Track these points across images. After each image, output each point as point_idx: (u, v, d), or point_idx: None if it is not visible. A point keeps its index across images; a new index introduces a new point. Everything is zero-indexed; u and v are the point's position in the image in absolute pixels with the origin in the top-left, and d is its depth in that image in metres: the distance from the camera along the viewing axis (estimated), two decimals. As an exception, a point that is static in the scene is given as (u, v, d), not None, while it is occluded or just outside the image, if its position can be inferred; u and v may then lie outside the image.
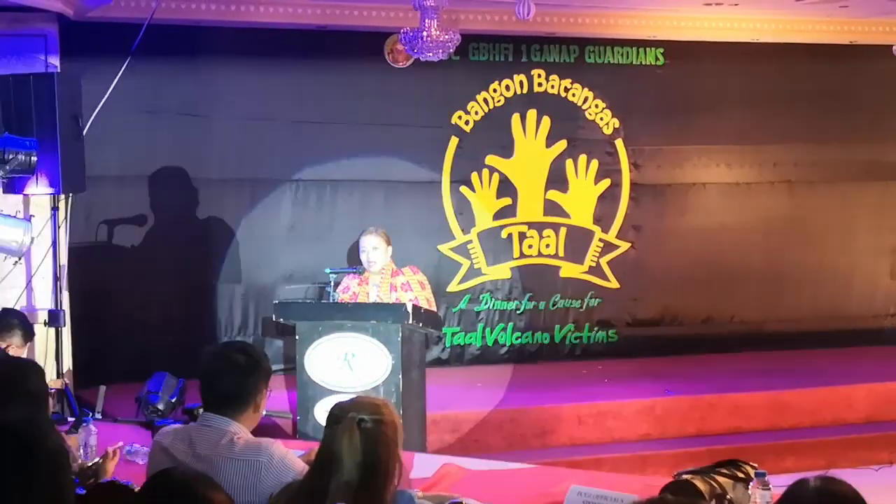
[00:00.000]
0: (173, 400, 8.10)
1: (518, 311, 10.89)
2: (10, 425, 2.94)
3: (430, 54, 8.44)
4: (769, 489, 3.92)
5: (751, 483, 4.09)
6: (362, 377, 7.20)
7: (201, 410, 4.23)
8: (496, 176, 10.75)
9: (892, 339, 11.72)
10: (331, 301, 7.79)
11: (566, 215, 10.97)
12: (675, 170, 11.33)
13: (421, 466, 5.19)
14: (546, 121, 10.85)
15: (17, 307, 8.06)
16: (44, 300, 8.66)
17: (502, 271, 10.85)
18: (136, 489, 3.81)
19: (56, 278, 8.51)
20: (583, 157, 10.98)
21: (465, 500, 3.71)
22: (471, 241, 10.73)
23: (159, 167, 9.80)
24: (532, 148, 10.85)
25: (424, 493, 4.25)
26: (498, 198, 10.77)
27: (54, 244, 8.55)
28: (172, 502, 2.76)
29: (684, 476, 4.22)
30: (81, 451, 5.21)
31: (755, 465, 4.29)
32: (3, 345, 6.76)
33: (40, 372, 4.54)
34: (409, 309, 7.14)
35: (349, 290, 7.98)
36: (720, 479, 4.20)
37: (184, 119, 9.84)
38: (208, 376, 4.19)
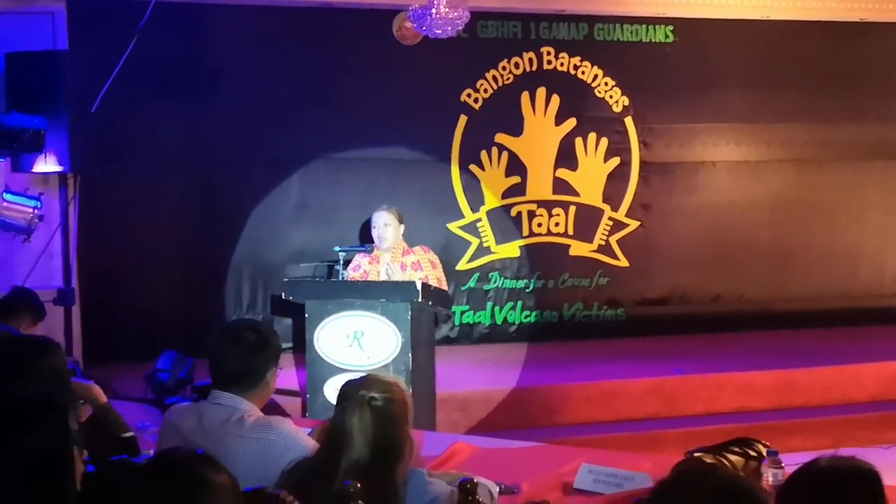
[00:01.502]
0: (182, 378, 8.15)
1: (527, 290, 10.88)
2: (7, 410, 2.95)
3: (439, 32, 8.41)
4: (781, 468, 3.91)
5: (762, 461, 4.08)
6: (371, 355, 7.21)
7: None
8: (505, 154, 10.73)
9: (902, 318, 11.70)
10: (340, 279, 7.79)
11: (575, 194, 10.95)
12: (685, 148, 11.29)
13: (431, 445, 5.19)
14: (555, 99, 10.82)
15: (26, 285, 8.05)
16: (53, 278, 8.67)
17: (511, 250, 10.84)
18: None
19: (65, 256, 8.52)
20: (592, 136, 10.95)
21: (476, 479, 3.70)
22: (480, 220, 10.71)
23: (167, 146, 9.77)
24: (541, 126, 10.83)
25: (435, 471, 4.25)
26: (507, 176, 10.75)
27: (63, 222, 8.56)
28: (174, 485, 2.74)
29: (696, 454, 4.21)
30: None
31: (767, 443, 4.29)
32: (14, 324, 6.76)
33: (53, 351, 4.52)
34: (419, 287, 7.14)
35: (360, 268, 7.97)
36: (732, 457, 4.20)
37: (192, 97, 9.81)
38: (218, 354, 4.18)
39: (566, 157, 10.90)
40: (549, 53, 10.83)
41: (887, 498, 2.94)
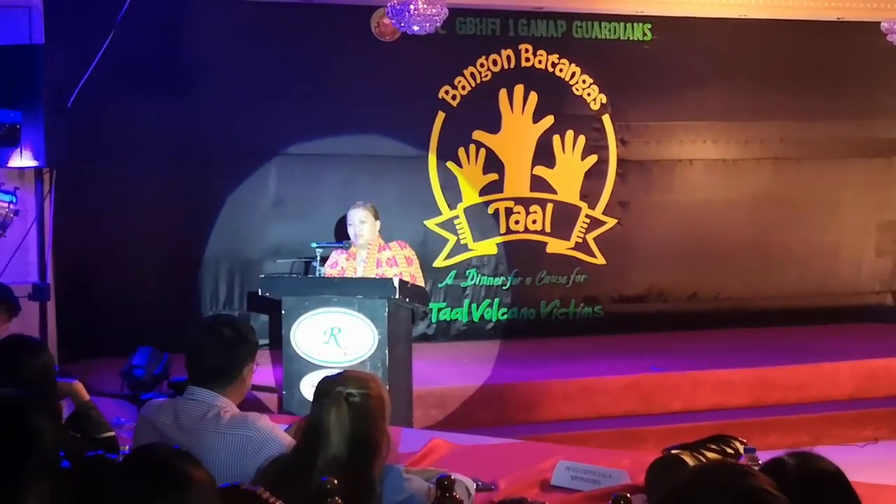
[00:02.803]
0: (158, 374, 8.10)
1: (504, 287, 10.88)
2: None
3: (418, 28, 8.43)
4: (758, 465, 3.91)
5: (740, 458, 4.09)
6: (349, 352, 7.20)
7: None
8: (483, 151, 10.72)
9: (878, 315, 11.74)
10: (317, 276, 7.77)
11: (553, 191, 10.95)
12: (662, 146, 11.32)
13: (408, 441, 5.19)
14: (533, 96, 10.82)
15: (1, 281, 8.00)
16: (28, 274, 8.62)
17: (489, 247, 10.84)
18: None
19: (40, 252, 8.47)
20: (570, 133, 10.96)
21: (454, 475, 3.69)
22: (457, 217, 10.70)
23: (144, 140, 9.71)
24: (519, 123, 10.83)
25: (412, 467, 4.24)
26: (484, 173, 10.75)
27: (38, 217, 8.50)
28: (153, 479, 2.73)
29: (673, 451, 4.21)
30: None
31: (744, 440, 4.29)
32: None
33: (41, 350, 4.53)
34: (396, 284, 7.13)
35: (337, 265, 7.95)
36: (709, 454, 4.20)
37: (169, 92, 9.77)
38: (194, 350, 4.16)
39: (544, 154, 10.91)
40: (527, 51, 10.83)
41: (858, 494, 2.95)
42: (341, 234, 8.81)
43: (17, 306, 7.04)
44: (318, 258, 7.81)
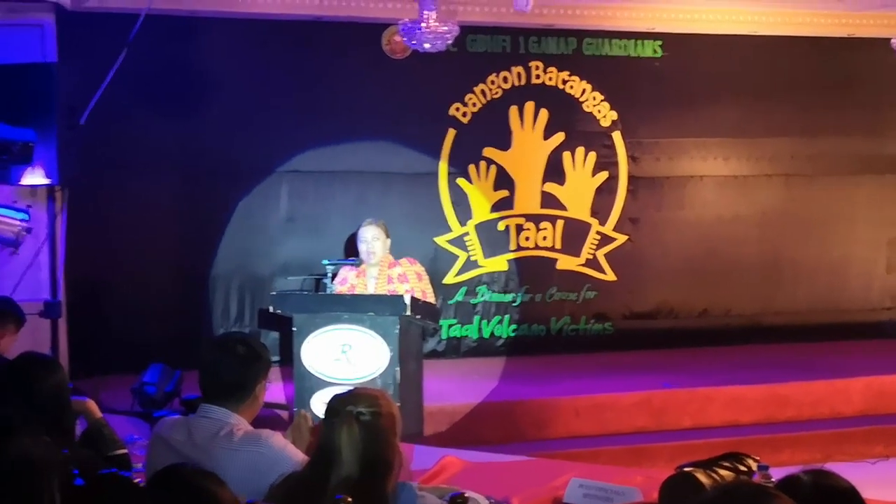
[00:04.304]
0: (169, 391, 8.11)
1: (514, 304, 10.87)
2: None
3: (429, 45, 8.44)
4: (772, 482, 3.90)
5: (753, 476, 4.07)
6: (360, 369, 7.19)
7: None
8: (493, 168, 10.73)
9: (889, 332, 11.71)
10: (328, 293, 7.77)
11: (563, 208, 10.96)
12: (673, 162, 11.32)
13: (420, 458, 5.19)
14: (544, 113, 10.83)
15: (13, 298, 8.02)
16: (40, 291, 8.63)
17: (499, 263, 10.84)
18: (135, 481, 3.80)
19: (52, 269, 8.49)
20: (580, 150, 10.97)
21: (467, 493, 3.69)
22: (468, 234, 10.71)
23: (156, 157, 9.76)
24: (529, 140, 10.84)
25: (425, 485, 4.24)
26: (495, 190, 10.76)
27: (50, 235, 8.53)
28: (180, 499, 2.75)
29: (686, 469, 4.19)
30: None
31: (757, 458, 4.28)
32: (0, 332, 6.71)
33: (55, 368, 4.54)
34: (408, 301, 7.13)
35: (346, 281, 7.94)
36: (722, 472, 4.17)
37: (181, 109, 9.79)
38: (208, 367, 4.17)
39: (554, 171, 10.92)
40: (537, 68, 10.85)
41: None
42: (351, 251, 8.82)
43: (23, 317, 7.05)
44: (329, 275, 7.80)
